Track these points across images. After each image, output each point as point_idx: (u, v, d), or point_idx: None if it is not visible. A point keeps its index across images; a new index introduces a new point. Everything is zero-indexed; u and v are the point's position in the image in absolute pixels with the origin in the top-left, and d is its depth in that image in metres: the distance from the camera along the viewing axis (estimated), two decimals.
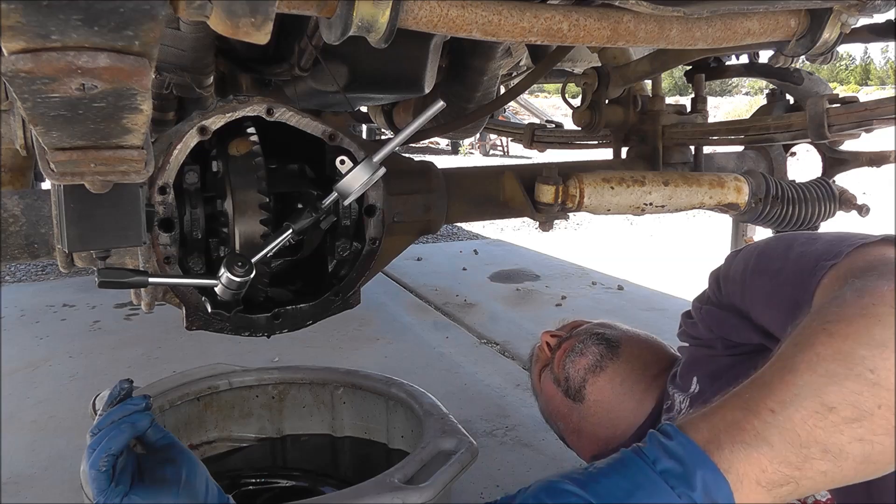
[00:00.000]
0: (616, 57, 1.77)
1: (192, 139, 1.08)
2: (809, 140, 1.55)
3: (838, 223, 1.91)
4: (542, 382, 1.33)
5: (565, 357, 1.28)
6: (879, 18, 1.20)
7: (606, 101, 1.75)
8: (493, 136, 14.35)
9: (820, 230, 1.78)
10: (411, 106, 2.33)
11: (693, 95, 1.87)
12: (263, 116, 1.11)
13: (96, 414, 1.42)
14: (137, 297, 1.17)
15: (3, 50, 0.46)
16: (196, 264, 1.17)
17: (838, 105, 1.43)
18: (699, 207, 1.47)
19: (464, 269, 4.50)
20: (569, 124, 2.10)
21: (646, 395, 1.19)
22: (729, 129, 1.65)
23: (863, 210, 1.70)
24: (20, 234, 1.07)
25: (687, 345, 1.15)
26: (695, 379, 1.05)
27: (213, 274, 1.03)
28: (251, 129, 1.15)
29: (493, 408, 2.40)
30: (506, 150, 16.36)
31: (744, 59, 1.91)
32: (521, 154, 14.59)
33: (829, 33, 0.94)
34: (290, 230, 1.09)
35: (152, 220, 1.06)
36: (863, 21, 1.24)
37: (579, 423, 1.25)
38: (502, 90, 2.37)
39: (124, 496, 0.92)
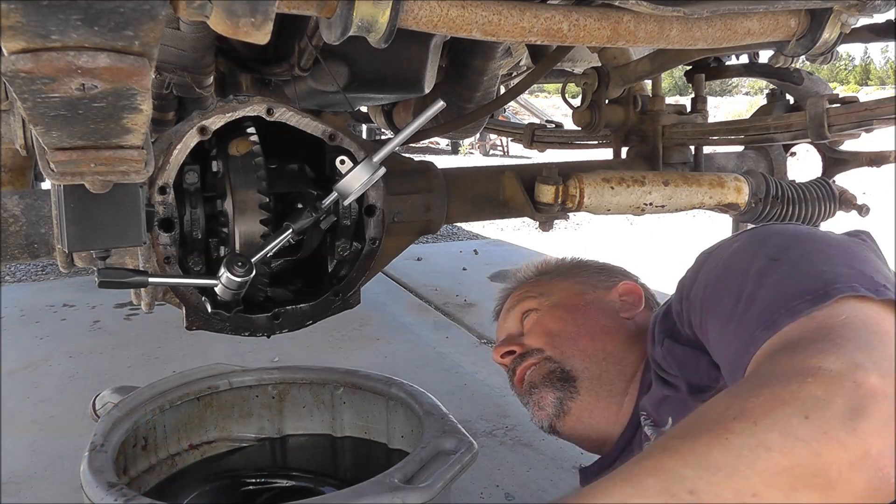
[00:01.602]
0: (616, 57, 1.77)
1: (192, 139, 1.08)
2: (809, 140, 1.56)
3: (838, 223, 1.91)
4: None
5: (527, 403, 1.21)
6: (879, 18, 1.20)
7: (606, 101, 1.75)
8: (493, 136, 14.36)
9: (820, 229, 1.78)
10: (411, 106, 2.33)
11: (693, 95, 1.87)
12: (263, 116, 1.11)
13: (96, 414, 1.43)
14: (137, 297, 1.17)
15: (3, 50, 0.46)
16: (196, 264, 1.17)
17: (838, 105, 1.43)
18: (699, 207, 1.47)
19: (464, 269, 4.50)
20: (569, 124, 2.10)
21: (620, 409, 1.14)
22: (729, 129, 1.65)
23: (863, 210, 1.70)
24: (20, 234, 1.07)
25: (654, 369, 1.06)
26: (670, 420, 1.00)
27: (213, 274, 1.03)
28: (251, 129, 1.15)
29: (493, 408, 2.40)
30: (506, 150, 16.36)
31: (744, 59, 1.91)
32: (521, 154, 14.59)
33: (829, 33, 0.94)
34: (290, 230, 1.09)
35: (152, 220, 1.06)
36: (863, 21, 1.24)
37: (559, 437, 1.23)
38: (502, 90, 2.37)
39: None
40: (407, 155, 1.52)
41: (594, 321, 1.21)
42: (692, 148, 1.77)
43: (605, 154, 1.91)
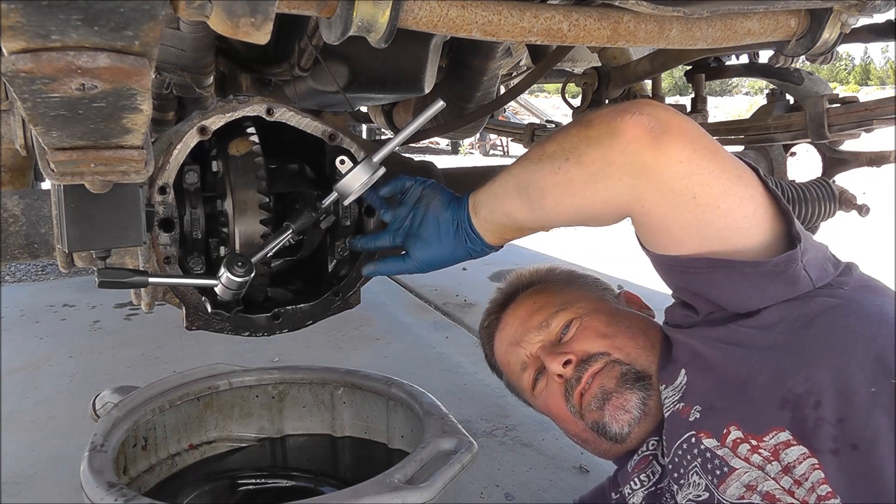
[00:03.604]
0: (616, 57, 1.77)
1: (192, 139, 1.08)
2: (809, 140, 1.56)
3: (838, 223, 1.91)
4: (541, 393, 1.22)
5: (599, 408, 1.12)
6: (879, 18, 1.20)
7: (606, 101, 1.75)
8: (493, 136, 14.35)
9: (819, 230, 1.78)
10: (411, 106, 2.33)
11: (693, 95, 1.87)
12: (263, 116, 1.11)
13: (96, 414, 1.43)
14: (137, 297, 1.17)
15: (3, 50, 0.46)
16: (196, 264, 1.17)
17: (838, 105, 1.43)
18: None
19: (464, 269, 4.49)
20: None
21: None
22: (729, 129, 1.65)
23: (863, 210, 1.70)
24: (20, 234, 1.07)
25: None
26: (683, 371, 1.05)
27: (213, 274, 1.03)
28: (251, 129, 1.15)
29: (493, 408, 2.40)
30: (506, 150, 16.36)
31: (744, 59, 1.91)
32: (521, 154, 14.56)
33: (829, 33, 0.94)
34: (290, 230, 1.09)
35: (152, 220, 1.06)
36: (863, 21, 1.24)
37: (596, 444, 1.17)
38: (502, 90, 2.37)
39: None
40: (407, 155, 1.52)
41: (635, 320, 1.22)
42: None
43: None
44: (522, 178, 0.98)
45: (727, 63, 1.93)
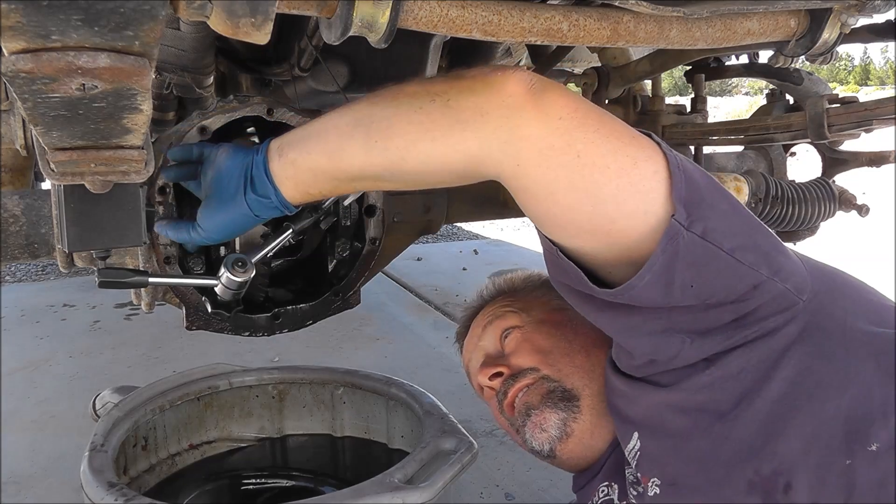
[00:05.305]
0: (616, 57, 1.77)
1: (192, 139, 1.08)
2: (809, 140, 1.56)
3: (838, 223, 1.91)
4: (490, 407, 1.20)
5: (522, 426, 1.09)
6: (879, 18, 1.20)
7: (606, 102, 1.75)
8: None
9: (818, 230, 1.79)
10: None
11: (693, 95, 1.87)
12: (263, 116, 1.11)
13: (96, 414, 1.43)
14: (137, 297, 1.17)
15: (4, 50, 0.46)
16: (196, 264, 1.17)
17: (838, 105, 1.43)
18: None
19: (464, 269, 4.50)
20: None
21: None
22: (729, 129, 1.65)
23: (863, 210, 1.70)
24: (20, 234, 1.07)
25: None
26: (636, 435, 0.96)
27: (213, 274, 1.04)
28: (251, 129, 1.15)
29: None
30: None
31: (744, 59, 1.91)
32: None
33: (828, 33, 0.94)
34: (290, 230, 1.09)
35: (152, 220, 1.07)
36: (863, 21, 1.24)
37: (550, 462, 1.14)
38: None
39: None
40: None
41: (583, 336, 1.12)
42: (692, 148, 1.77)
43: None
44: (364, 113, 0.81)
45: (727, 63, 1.93)
